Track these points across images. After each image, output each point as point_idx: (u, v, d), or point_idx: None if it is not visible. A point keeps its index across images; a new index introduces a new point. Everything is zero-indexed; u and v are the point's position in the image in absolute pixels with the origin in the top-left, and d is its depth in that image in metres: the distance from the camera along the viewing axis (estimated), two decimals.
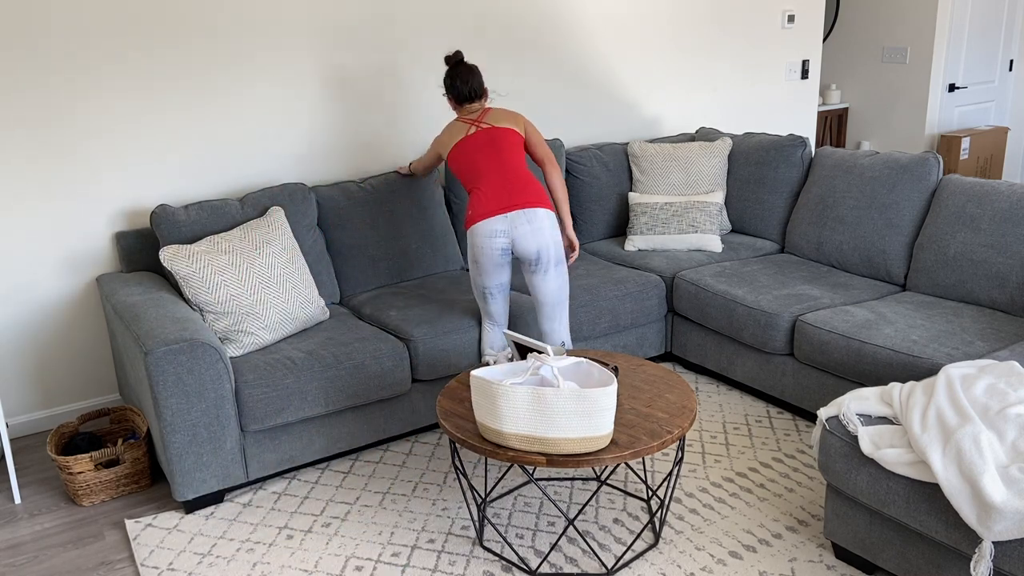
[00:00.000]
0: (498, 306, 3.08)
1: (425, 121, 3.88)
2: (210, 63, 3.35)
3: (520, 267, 3.19)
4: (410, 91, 3.82)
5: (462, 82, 3.12)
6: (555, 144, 3.99)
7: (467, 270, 3.71)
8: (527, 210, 2.94)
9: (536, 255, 2.97)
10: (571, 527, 2.58)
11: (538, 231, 2.94)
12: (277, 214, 3.16)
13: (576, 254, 3.21)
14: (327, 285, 3.38)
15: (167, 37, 3.25)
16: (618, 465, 2.48)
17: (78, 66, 3.12)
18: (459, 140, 3.08)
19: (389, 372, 2.94)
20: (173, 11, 3.24)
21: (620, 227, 4.17)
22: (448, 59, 3.17)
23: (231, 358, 2.86)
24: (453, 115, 3.87)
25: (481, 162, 3.02)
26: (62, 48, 3.08)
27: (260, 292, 2.92)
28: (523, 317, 3.25)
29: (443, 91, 3.05)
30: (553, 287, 3.04)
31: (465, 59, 3.11)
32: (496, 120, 3.09)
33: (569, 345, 3.15)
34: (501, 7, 3.96)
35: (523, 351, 2.53)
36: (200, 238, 3.10)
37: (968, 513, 1.91)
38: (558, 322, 3.11)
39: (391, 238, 3.56)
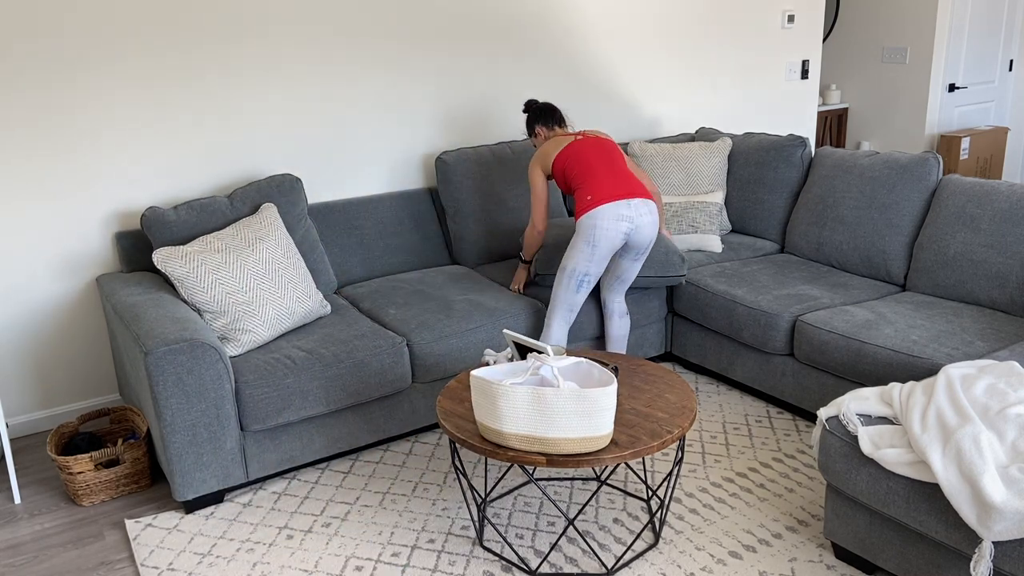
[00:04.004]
0: (583, 297, 3.15)
1: (411, 124, 3.88)
2: (209, 63, 3.35)
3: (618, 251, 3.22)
4: (407, 92, 3.82)
5: (552, 109, 3.37)
6: None
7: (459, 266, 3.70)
8: (647, 200, 3.11)
9: (647, 244, 3.16)
10: (571, 527, 2.58)
11: (654, 223, 3.13)
12: (270, 211, 3.15)
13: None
14: (323, 273, 3.38)
15: (166, 37, 3.25)
16: (618, 465, 2.48)
17: (78, 67, 3.12)
18: (566, 146, 3.20)
19: (389, 368, 2.94)
20: (173, 12, 3.24)
21: None
22: (532, 103, 3.41)
23: (230, 357, 2.86)
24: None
25: (593, 160, 3.15)
26: (63, 49, 3.08)
27: (256, 289, 2.91)
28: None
29: (525, 132, 3.36)
30: (637, 270, 3.28)
31: None
32: (596, 134, 3.28)
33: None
34: (500, 8, 3.96)
35: (523, 351, 2.53)
36: (192, 238, 3.09)
37: (968, 513, 1.91)
38: (623, 294, 3.37)
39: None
